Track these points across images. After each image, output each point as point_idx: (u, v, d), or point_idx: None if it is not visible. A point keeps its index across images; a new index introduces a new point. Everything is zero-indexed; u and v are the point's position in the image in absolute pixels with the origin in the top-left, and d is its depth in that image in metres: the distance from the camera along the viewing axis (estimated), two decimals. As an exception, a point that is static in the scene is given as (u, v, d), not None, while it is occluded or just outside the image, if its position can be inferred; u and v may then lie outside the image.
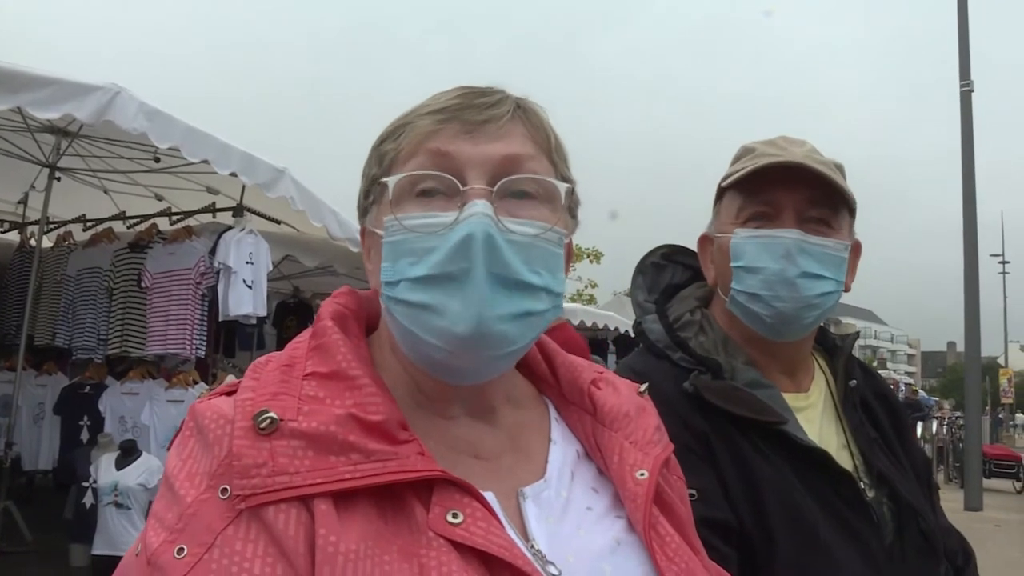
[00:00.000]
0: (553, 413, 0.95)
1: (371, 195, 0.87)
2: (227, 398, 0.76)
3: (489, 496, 0.77)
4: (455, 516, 0.71)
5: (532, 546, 0.77)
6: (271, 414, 0.70)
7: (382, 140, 0.87)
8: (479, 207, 0.76)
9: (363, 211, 0.89)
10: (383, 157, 0.85)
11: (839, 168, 1.36)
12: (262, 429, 0.69)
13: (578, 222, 0.93)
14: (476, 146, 0.81)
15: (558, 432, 0.92)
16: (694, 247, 1.51)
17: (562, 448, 0.90)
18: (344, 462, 0.70)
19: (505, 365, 0.84)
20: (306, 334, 0.83)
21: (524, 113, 0.85)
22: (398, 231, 0.79)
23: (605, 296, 21.03)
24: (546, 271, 0.81)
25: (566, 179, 0.87)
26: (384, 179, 0.82)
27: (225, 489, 0.67)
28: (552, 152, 0.87)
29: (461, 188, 0.78)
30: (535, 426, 0.92)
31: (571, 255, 0.93)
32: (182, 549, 0.65)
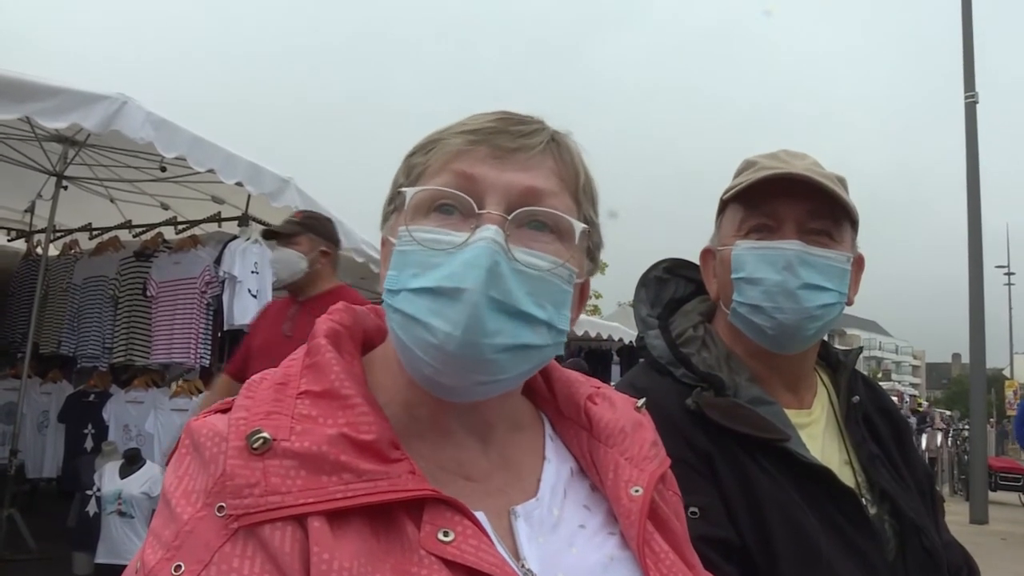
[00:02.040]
0: (548, 430, 0.95)
1: (393, 204, 0.87)
2: (222, 415, 0.76)
3: (480, 515, 0.77)
4: (446, 534, 0.71)
5: (523, 565, 0.77)
6: (264, 434, 0.70)
7: (413, 152, 0.87)
8: (490, 232, 0.76)
9: (384, 218, 0.89)
10: (411, 169, 0.86)
11: (841, 181, 1.36)
12: (255, 449, 0.70)
13: (598, 265, 0.93)
14: (501, 173, 0.81)
15: (552, 450, 0.92)
16: (696, 258, 1.50)
17: (556, 466, 0.90)
18: (336, 482, 0.70)
19: (496, 391, 0.82)
20: (301, 351, 0.83)
21: (557, 148, 0.85)
22: (409, 242, 0.80)
23: (610, 307, 21.02)
24: (551, 305, 0.80)
25: (589, 220, 0.87)
26: (403, 189, 0.83)
27: (221, 507, 0.68)
28: (579, 191, 0.86)
29: (477, 211, 0.79)
30: (529, 445, 0.91)
31: (585, 297, 0.92)
32: (179, 566, 0.66)
